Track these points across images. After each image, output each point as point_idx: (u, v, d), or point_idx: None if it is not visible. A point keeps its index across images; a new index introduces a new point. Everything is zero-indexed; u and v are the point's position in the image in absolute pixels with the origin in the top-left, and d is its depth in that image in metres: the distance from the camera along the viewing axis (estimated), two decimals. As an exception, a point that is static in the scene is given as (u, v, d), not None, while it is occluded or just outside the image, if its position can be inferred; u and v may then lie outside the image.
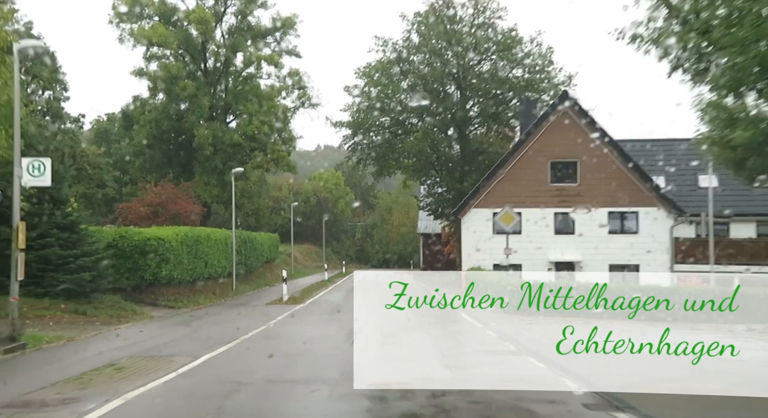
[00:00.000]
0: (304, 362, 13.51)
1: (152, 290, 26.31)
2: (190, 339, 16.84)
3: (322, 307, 26.53)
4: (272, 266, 49.38)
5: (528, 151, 37.53)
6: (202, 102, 48.51)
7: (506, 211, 25.80)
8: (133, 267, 25.36)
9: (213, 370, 12.44)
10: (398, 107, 54.87)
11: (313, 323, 21.04)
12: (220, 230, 34.36)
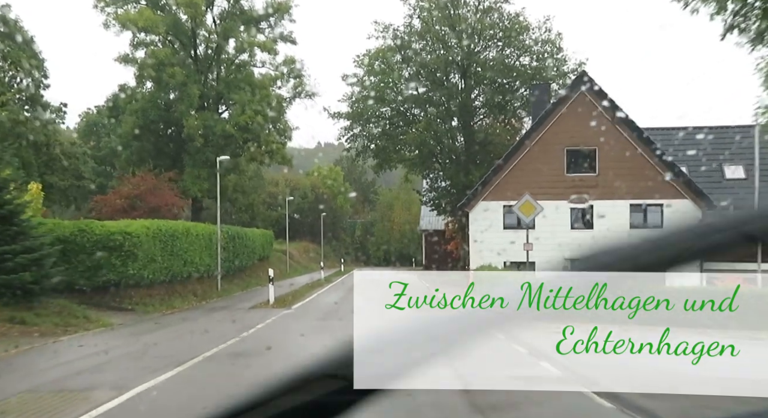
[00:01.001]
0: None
1: (118, 292, 22.20)
2: (132, 359, 12.73)
3: (313, 311, 22.44)
4: (265, 264, 45.16)
5: (542, 138, 33.43)
6: (191, 90, 44.47)
7: (526, 200, 21.73)
8: (94, 266, 21.28)
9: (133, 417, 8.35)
10: (399, 97, 50.85)
11: (297, 334, 16.95)
12: (202, 225, 30.27)
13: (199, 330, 17.66)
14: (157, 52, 44.22)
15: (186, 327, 18.30)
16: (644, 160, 32.27)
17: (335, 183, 74.71)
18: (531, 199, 21.80)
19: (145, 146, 46.78)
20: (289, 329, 17.49)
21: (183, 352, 13.23)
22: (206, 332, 17.10)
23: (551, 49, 48.36)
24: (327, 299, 27.73)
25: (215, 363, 12.19)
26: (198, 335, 16.47)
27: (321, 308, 23.85)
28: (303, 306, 24.39)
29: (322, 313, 21.77)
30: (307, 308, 23.92)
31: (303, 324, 18.72)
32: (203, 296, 28.16)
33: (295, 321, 19.39)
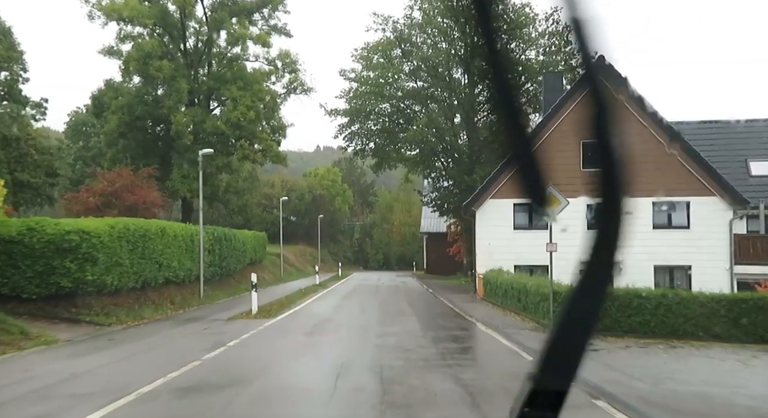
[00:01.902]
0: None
1: (74, 301, 18.64)
2: (38, 397, 9.13)
3: (300, 323, 18.87)
4: (258, 268, 41.60)
5: (555, 130, 29.92)
6: (180, 85, 40.99)
7: (550, 192, 18.11)
8: (45, 270, 17.76)
9: None
10: (399, 93, 47.49)
11: (276, 353, 13.42)
12: (182, 225, 26.72)
13: (158, 349, 14.12)
14: (144, 45, 40.78)
15: (144, 345, 14.73)
16: (668, 154, 28.78)
17: (333, 184, 71.14)
18: (555, 191, 18.31)
19: (132, 144, 43.30)
20: (265, 349, 13.92)
21: (117, 384, 9.70)
22: (164, 352, 13.57)
23: (559, 42, 44.97)
24: (319, 308, 24.18)
25: (149, 404, 8.64)
26: (152, 356, 12.95)
27: (311, 318, 20.29)
28: (291, 316, 20.82)
29: (311, 325, 18.22)
30: (295, 318, 20.36)
31: (285, 341, 15.17)
32: (182, 303, 24.60)
33: (276, 337, 15.82)
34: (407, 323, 19.18)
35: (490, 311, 22.85)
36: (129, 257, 20.65)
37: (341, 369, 11.23)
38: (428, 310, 24.11)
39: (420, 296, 32.18)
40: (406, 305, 26.16)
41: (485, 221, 30.60)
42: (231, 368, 11.43)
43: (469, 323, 19.42)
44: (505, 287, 23.35)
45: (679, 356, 14.19)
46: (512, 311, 21.79)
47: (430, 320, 20.42)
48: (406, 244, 69.55)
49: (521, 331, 17.40)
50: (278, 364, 12.00)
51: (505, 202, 30.31)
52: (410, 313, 22.61)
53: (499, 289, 24.57)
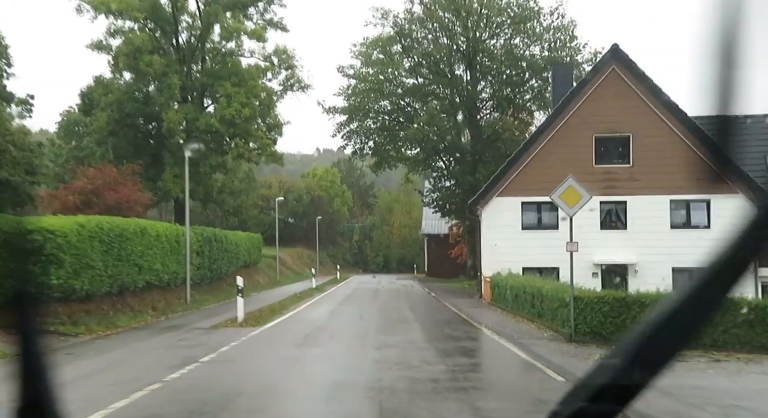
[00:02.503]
0: None
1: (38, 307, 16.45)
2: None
3: (290, 333, 16.60)
4: (253, 271, 39.43)
5: (566, 124, 27.71)
6: (172, 81, 38.78)
7: (569, 185, 15.96)
8: (3, 273, 15.57)
9: None
10: (399, 90, 45.29)
11: (255, 371, 11.17)
12: (165, 224, 24.44)
13: (117, 367, 11.86)
14: (133, 39, 38.53)
15: (103, 361, 12.46)
16: (687, 148, 26.53)
17: (332, 185, 68.81)
18: (576, 183, 16.04)
19: (122, 143, 41.10)
20: (244, 366, 11.66)
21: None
22: (123, 371, 11.32)
23: (564, 37, 42.80)
24: (314, 314, 21.90)
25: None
26: (104, 378, 10.68)
27: (303, 326, 18.02)
28: (281, 324, 18.55)
29: (302, 335, 15.95)
30: (286, 326, 18.08)
31: (269, 355, 12.91)
32: (165, 310, 22.33)
33: (259, 350, 13.56)
34: (410, 331, 16.92)
35: (499, 318, 20.58)
36: (102, 259, 18.38)
37: (331, 394, 8.99)
38: (432, 316, 21.85)
39: (422, 300, 29.92)
40: (408, 310, 23.91)
41: (491, 220, 28.36)
42: (195, 394, 9.15)
43: (479, 332, 17.16)
44: (516, 291, 21.08)
45: (729, 372, 11.93)
46: (525, 318, 19.53)
47: (434, 328, 18.16)
48: (407, 246, 67.25)
49: (539, 341, 15.13)
50: (255, 387, 9.73)
51: (512, 201, 28.12)
52: (413, 320, 20.35)
53: (508, 293, 22.30)
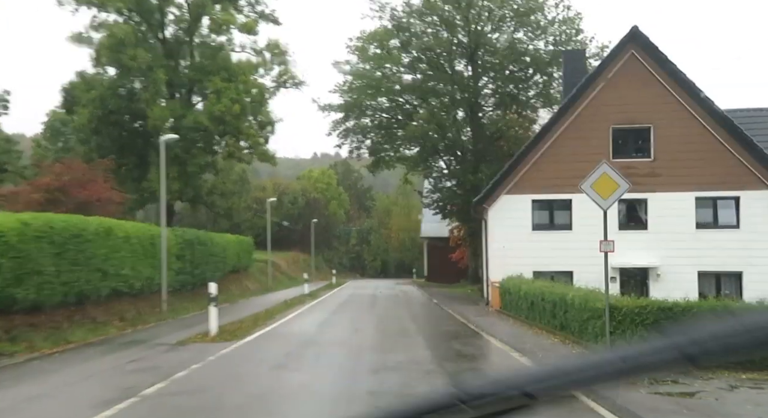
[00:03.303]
0: None
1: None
2: None
3: (270, 350, 13.65)
4: (243, 276, 36.49)
5: (580, 115, 24.83)
6: (157, 76, 35.85)
7: (603, 172, 13.14)
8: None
9: None
10: (397, 86, 42.42)
11: (208, 410, 8.22)
12: (138, 224, 21.47)
13: (31, 402, 8.90)
14: (116, 31, 35.62)
15: (19, 392, 9.49)
16: (714, 141, 23.72)
17: (328, 187, 65.78)
18: (611, 170, 13.21)
19: (106, 142, 38.21)
20: (195, 401, 8.70)
21: None
22: (34, 409, 8.38)
23: (570, 30, 40.01)
24: (302, 325, 18.97)
25: None
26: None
27: (287, 341, 15.07)
28: (261, 338, 15.58)
29: (283, 353, 13.02)
30: (267, 341, 15.13)
31: (235, 384, 9.94)
32: (136, 320, 19.37)
33: (226, 375, 10.61)
34: (413, 347, 13.99)
35: (514, 329, 17.66)
36: (54, 264, 15.43)
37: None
38: (437, 327, 18.91)
39: (424, 308, 26.99)
40: (409, 320, 20.97)
41: (499, 220, 25.46)
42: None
43: (495, 348, 14.22)
44: (532, 298, 18.15)
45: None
46: (544, 330, 16.62)
47: (442, 342, 15.24)
48: (405, 250, 64.22)
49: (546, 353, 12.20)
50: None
51: (522, 199, 25.23)
52: (415, 332, 17.41)
53: (522, 300, 19.37)
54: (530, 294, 18.39)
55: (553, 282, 18.42)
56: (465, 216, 40.39)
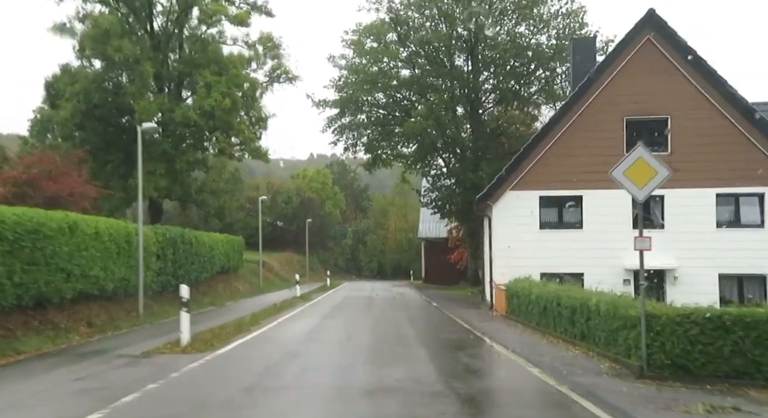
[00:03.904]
0: None
1: None
2: None
3: (246, 364, 11.51)
4: (232, 277, 34.34)
5: (591, 105, 22.77)
6: (144, 69, 33.72)
7: (639, 156, 10.97)
8: None
9: None
10: (394, 82, 40.36)
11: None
12: (112, 221, 19.27)
13: None
14: (101, 21, 33.51)
15: None
16: (737, 133, 21.68)
17: (324, 187, 63.56)
18: (648, 154, 11.06)
19: (91, 137, 36.08)
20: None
21: None
22: None
23: (573, 24, 37.99)
24: (289, 332, 16.84)
25: None
26: None
27: (268, 352, 12.95)
28: (240, 348, 13.43)
29: (261, 368, 10.92)
30: (245, 353, 12.99)
31: (200, 410, 7.81)
32: (107, 326, 17.21)
33: (184, 400, 8.45)
34: (413, 360, 11.89)
35: (524, 337, 15.57)
36: (4, 263, 13.29)
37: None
38: (439, 334, 16.79)
39: (423, 312, 24.87)
40: (408, 325, 18.86)
41: (504, 218, 23.37)
42: None
43: (508, 361, 12.11)
44: (545, 303, 16.05)
45: None
46: (560, 339, 14.54)
47: (446, 354, 13.12)
48: (402, 251, 62.06)
49: (599, 380, 10.13)
50: None
51: (529, 195, 23.16)
52: (415, 340, 15.30)
53: (533, 305, 17.26)
54: (543, 298, 16.29)
55: (570, 285, 16.26)
56: (464, 216, 38.36)
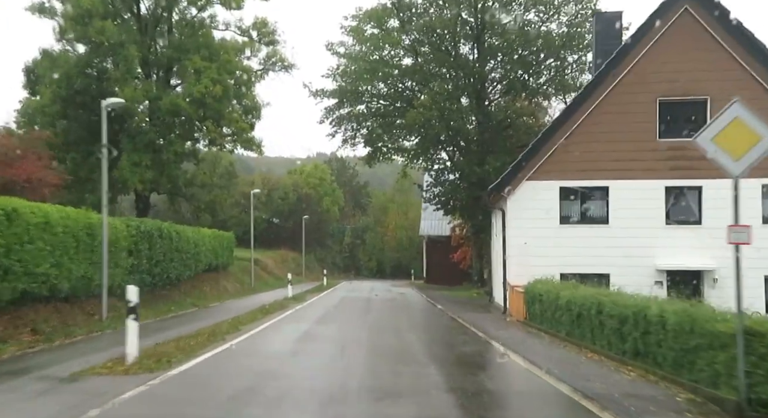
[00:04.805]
0: None
1: None
2: None
3: (200, 395, 8.41)
4: (221, 275, 31.27)
5: (619, 85, 19.74)
6: (129, 52, 30.76)
7: (735, 116, 7.98)
8: None
9: None
10: (396, 71, 37.37)
11: None
12: (69, 210, 16.03)
13: None
14: (82, 0, 30.47)
15: None
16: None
17: (321, 182, 60.43)
18: (747, 113, 8.01)
19: (74, 126, 33.02)
20: None
21: None
22: None
23: (585, 10, 35.03)
24: (271, 343, 13.77)
25: None
26: None
27: (237, 374, 9.88)
28: (204, 366, 10.33)
29: (227, 397, 7.85)
30: (209, 372, 9.94)
31: None
32: (56, 333, 14.09)
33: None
34: (424, 387, 8.82)
35: (556, 352, 12.51)
36: None
37: None
38: (451, 346, 13.72)
39: (428, 316, 21.83)
40: (412, 334, 15.80)
41: (520, 211, 20.32)
42: None
43: (548, 388, 9.03)
44: (580, 310, 13.00)
45: None
46: (602, 355, 11.49)
47: (465, 375, 10.04)
48: (403, 249, 58.95)
49: None
50: None
51: (548, 186, 20.12)
52: (423, 355, 12.23)
53: (562, 311, 14.20)
54: (576, 304, 13.23)
55: (618, 290, 13.19)
56: (469, 212, 35.38)
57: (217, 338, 13.51)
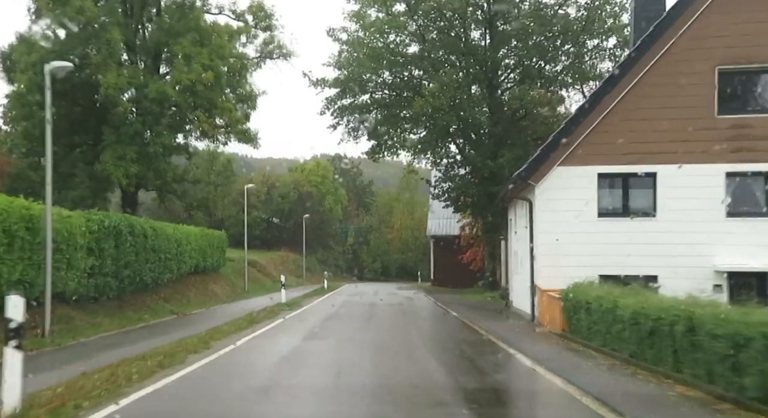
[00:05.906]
0: None
1: None
2: None
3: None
4: (210, 278, 27.85)
5: (668, 53, 16.25)
6: (112, 36, 27.45)
7: None
8: None
9: None
10: (401, 59, 33.94)
11: None
12: (2, 198, 12.75)
13: None
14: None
15: None
16: None
17: (323, 181, 56.87)
18: None
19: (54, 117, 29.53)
20: None
21: None
22: None
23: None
24: (246, 366, 10.29)
25: None
26: None
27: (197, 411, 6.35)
28: (135, 408, 6.78)
29: None
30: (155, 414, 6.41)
31: None
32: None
33: None
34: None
35: (626, 383, 8.96)
36: None
37: None
38: (480, 372, 10.19)
39: (441, 324, 18.33)
40: (427, 352, 12.26)
41: (550, 202, 16.80)
42: None
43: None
44: (652, 325, 9.46)
45: None
46: (698, 390, 7.97)
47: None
48: (409, 250, 55.33)
49: None
50: None
51: (584, 172, 16.59)
52: (446, 386, 8.65)
53: (623, 326, 10.66)
54: (646, 316, 9.69)
55: (714, 301, 9.67)
56: (481, 209, 31.97)
57: (175, 360, 10.02)
